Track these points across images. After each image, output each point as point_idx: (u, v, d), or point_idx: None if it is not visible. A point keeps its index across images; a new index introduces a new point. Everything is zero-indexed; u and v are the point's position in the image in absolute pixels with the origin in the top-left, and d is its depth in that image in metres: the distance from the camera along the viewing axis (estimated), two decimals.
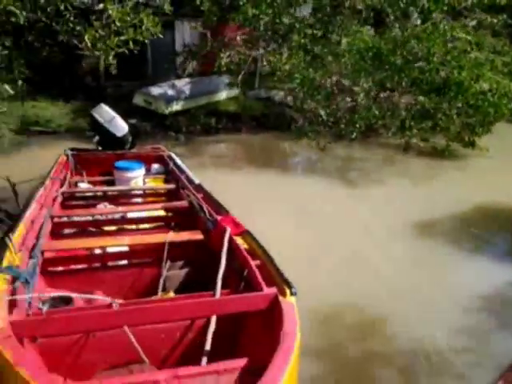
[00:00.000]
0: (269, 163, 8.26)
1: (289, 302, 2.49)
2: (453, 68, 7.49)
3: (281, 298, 2.52)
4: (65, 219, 4.54)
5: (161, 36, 5.06)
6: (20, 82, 6.70)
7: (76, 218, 4.80)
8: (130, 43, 4.76)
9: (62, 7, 4.19)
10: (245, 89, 11.50)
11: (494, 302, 4.36)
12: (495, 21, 9.26)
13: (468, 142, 8.79)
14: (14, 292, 2.54)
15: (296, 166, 8.29)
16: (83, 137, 9.56)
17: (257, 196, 6.18)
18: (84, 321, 2.39)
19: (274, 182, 7.24)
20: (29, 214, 4.08)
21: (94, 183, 6.25)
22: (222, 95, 11.10)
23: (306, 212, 6.03)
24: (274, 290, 2.61)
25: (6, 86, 4.27)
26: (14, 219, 5.19)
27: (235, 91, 11.42)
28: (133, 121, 8.64)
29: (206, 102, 10.77)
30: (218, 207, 4.37)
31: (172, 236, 4.10)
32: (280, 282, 2.68)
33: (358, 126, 8.66)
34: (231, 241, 3.57)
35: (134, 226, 5.01)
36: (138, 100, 10.44)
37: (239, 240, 3.58)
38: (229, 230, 3.63)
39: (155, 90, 10.36)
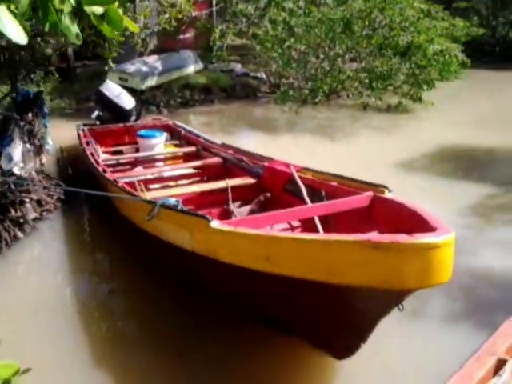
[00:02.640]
0: (255, 127, 9.23)
1: (391, 195, 3.47)
2: (411, 33, 8.80)
3: (381, 195, 3.49)
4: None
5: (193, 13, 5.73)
6: None
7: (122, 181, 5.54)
8: (173, 21, 5.40)
9: None
10: (207, 62, 12.28)
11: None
12: None
13: (417, 98, 10.24)
14: None
15: (278, 127, 9.28)
16: (65, 114, 10.01)
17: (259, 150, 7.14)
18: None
19: (266, 140, 8.21)
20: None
21: (111, 153, 6.90)
22: (191, 69, 11.76)
23: (304, 158, 7.07)
24: (371, 192, 3.51)
25: None
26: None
27: (200, 65, 12.13)
28: None
29: (177, 77, 11.41)
30: (260, 156, 5.29)
31: (230, 182, 5.00)
32: (371, 187, 3.63)
33: (323, 90, 9.84)
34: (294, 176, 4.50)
35: (173, 183, 5.81)
36: (113, 77, 10.83)
37: (301, 175, 4.51)
38: (292, 166, 4.55)
39: (130, 67, 10.84)
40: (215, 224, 2.88)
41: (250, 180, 5.08)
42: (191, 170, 5.96)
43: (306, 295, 2.72)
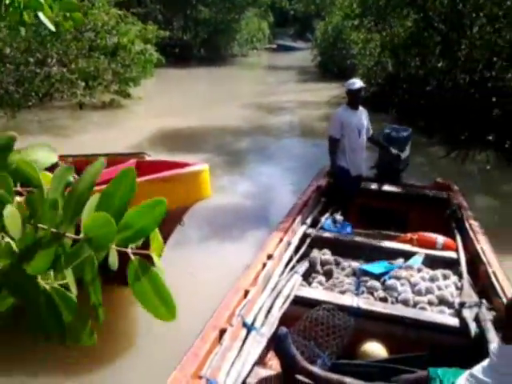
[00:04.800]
0: None
1: (151, 158, 4.13)
2: (116, 35, 9.45)
3: (144, 159, 4.04)
4: None
5: None
6: None
7: None
8: None
9: None
10: None
11: None
12: None
13: (126, 94, 11.11)
14: None
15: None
16: None
17: None
18: None
19: None
20: None
21: None
22: None
23: None
24: (134, 159, 4.00)
25: None
26: None
27: None
28: None
29: None
30: None
31: None
32: (133, 156, 4.06)
33: (36, 93, 9.67)
34: None
35: None
36: None
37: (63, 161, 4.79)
38: None
39: None
40: None
41: None
42: None
43: None
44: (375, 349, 2.50)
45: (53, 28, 1.25)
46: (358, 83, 4.13)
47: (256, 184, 6.69)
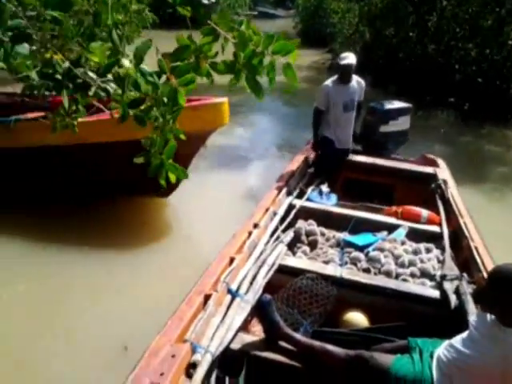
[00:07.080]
0: None
1: None
2: None
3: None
4: None
5: None
6: None
7: None
8: None
9: None
10: None
11: None
12: None
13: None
14: None
15: None
16: None
17: None
18: None
19: None
20: None
21: None
22: None
23: None
24: None
25: None
26: None
27: None
28: None
29: None
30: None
31: None
32: None
33: None
34: None
35: None
36: None
37: None
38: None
39: None
40: None
41: None
42: None
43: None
44: (357, 318, 2.26)
45: None
46: (347, 59, 3.54)
47: (248, 131, 7.02)
